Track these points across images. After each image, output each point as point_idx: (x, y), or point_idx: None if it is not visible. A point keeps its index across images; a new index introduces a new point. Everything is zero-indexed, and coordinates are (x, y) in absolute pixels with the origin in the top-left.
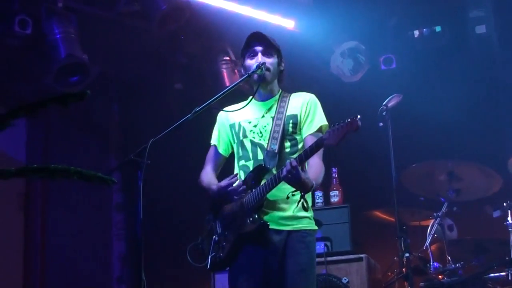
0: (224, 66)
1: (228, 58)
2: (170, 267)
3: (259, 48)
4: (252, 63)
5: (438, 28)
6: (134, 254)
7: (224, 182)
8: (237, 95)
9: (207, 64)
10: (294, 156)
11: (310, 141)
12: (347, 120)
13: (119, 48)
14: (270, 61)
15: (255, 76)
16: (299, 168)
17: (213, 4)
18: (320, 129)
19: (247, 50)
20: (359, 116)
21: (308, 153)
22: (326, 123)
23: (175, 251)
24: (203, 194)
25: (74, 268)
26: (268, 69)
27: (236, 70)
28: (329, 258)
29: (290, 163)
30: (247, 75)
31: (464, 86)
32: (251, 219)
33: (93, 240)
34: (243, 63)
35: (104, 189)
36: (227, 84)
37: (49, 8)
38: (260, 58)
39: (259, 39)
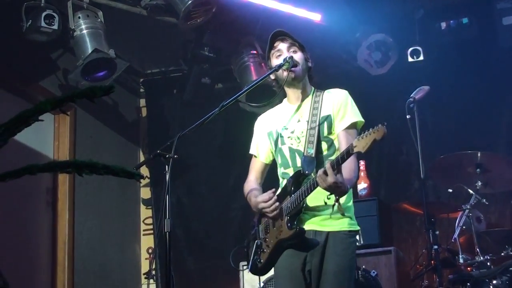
0: (251, 60)
1: (255, 52)
2: (198, 263)
3: (284, 45)
4: (279, 61)
5: (465, 20)
6: (162, 249)
7: (260, 198)
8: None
9: (234, 58)
10: (333, 158)
11: (342, 138)
12: (375, 128)
13: (146, 42)
14: (297, 56)
15: (285, 74)
16: (333, 172)
17: None
18: (353, 125)
19: (272, 50)
20: (385, 124)
21: (339, 161)
22: (361, 119)
23: (203, 247)
24: (233, 192)
25: (102, 263)
26: (296, 64)
27: (263, 64)
28: (357, 251)
29: (325, 167)
30: (274, 68)
31: (491, 78)
32: (289, 224)
33: (121, 236)
34: (270, 65)
35: (132, 184)
36: (254, 78)
37: (76, 3)
38: (287, 54)
39: (282, 36)
